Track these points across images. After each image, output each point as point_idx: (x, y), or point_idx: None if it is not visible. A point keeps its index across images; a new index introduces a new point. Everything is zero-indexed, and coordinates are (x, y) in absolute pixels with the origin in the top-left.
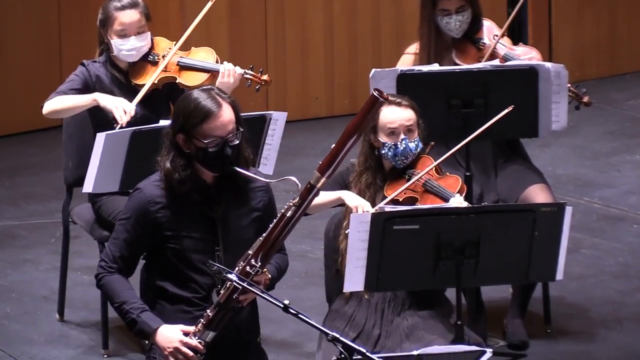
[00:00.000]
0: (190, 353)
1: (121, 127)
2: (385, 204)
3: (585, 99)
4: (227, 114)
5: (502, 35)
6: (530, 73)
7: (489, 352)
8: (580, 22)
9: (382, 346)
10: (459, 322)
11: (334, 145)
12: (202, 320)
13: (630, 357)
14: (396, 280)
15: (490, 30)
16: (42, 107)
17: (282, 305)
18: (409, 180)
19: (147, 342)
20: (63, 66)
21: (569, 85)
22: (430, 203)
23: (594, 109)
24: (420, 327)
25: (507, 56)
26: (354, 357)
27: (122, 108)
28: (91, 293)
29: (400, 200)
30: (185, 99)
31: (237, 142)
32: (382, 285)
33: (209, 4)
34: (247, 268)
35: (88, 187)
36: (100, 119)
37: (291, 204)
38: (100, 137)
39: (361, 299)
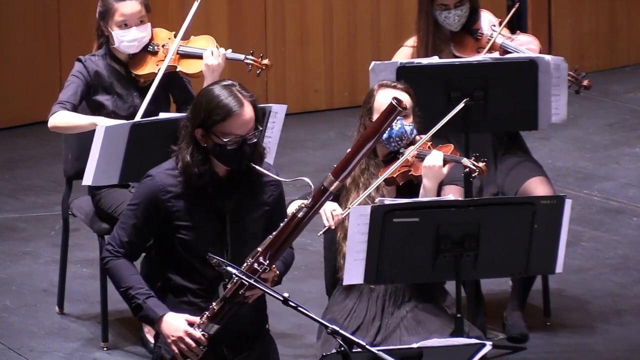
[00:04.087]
0: (193, 344)
1: None
2: (384, 182)
3: (585, 83)
4: (248, 112)
5: (503, 26)
6: (530, 66)
7: (488, 344)
8: (580, 13)
9: (382, 338)
10: (458, 315)
11: (349, 149)
12: (207, 313)
13: (629, 350)
14: (396, 273)
15: (488, 21)
16: (48, 119)
17: (282, 298)
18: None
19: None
20: (62, 59)
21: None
22: (421, 169)
23: (593, 101)
24: (420, 319)
25: (505, 46)
26: (353, 350)
27: None
28: (91, 286)
29: (395, 176)
30: (207, 95)
31: (255, 140)
32: (382, 278)
33: (196, 4)
34: (255, 265)
35: (88, 179)
36: (100, 112)
37: (303, 205)
38: (100, 130)
39: (362, 291)
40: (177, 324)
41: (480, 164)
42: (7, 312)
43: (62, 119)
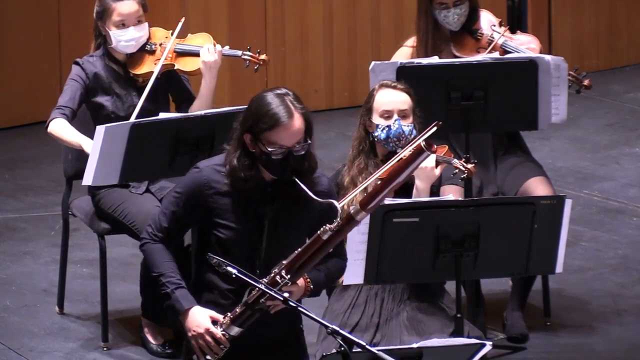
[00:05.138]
0: (213, 342)
1: None
2: (378, 178)
3: (586, 82)
4: (296, 124)
5: (506, 29)
6: (530, 66)
7: (488, 344)
8: (580, 13)
9: (382, 335)
10: (458, 315)
11: (379, 181)
12: (230, 314)
13: (629, 350)
14: (395, 273)
15: (488, 21)
16: (47, 125)
17: (282, 299)
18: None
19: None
20: (62, 59)
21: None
22: None
23: (593, 101)
24: (420, 319)
25: (505, 46)
26: (353, 350)
27: None
28: (91, 286)
29: None
30: (258, 101)
31: (303, 152)
32: (382, 278)
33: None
34: (277, 278)
35: (88, 179)
36: (100, 114)
37: (328, 228)
38: (100, 130)
39: (361, 288)
40: (200, 319)
41: (469, 166)
42: (7, 312)
43: (56, 129)
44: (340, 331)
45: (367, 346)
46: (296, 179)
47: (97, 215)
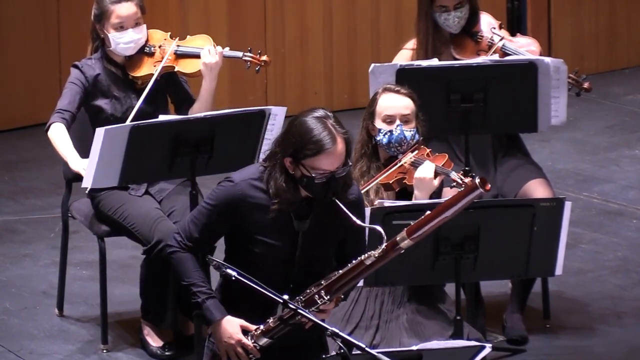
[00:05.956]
0: (244, 354)
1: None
2: (380, 182)
3: (586, 85)
4: (339, 149)
5: (506, 34)
6: (529, 68)
7: (488, 347)
8: (580, 15)
9: (381, 337)
10: (458, 317)
11: (429, 212)
12: (262, 326)
13: (629, 352)
14: (395, 275)
15: (488, 23)
16: (46, 129)
17: (282, 301)
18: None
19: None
20: (62, 61)
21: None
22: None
23: (593, 103)
24: (419, 321)
25: (505, 48)
26: (353, 352)
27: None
28: (90, 288)
29: (391, 182)
30: (301, 126)
31: (344, 174)
32: (381, 280)
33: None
34: (316, 297)
35: (87, 182)
36: (99, 117)
37: (372, 254)
38: (100, 132)
39: (360, 289)
40: (232, 330)
41: (467, 180)
42: (7, 314)
43: (52, 136)
44: (340, 333)
45: (366, 348)
46: (339, 202)
47: (96, 218)
